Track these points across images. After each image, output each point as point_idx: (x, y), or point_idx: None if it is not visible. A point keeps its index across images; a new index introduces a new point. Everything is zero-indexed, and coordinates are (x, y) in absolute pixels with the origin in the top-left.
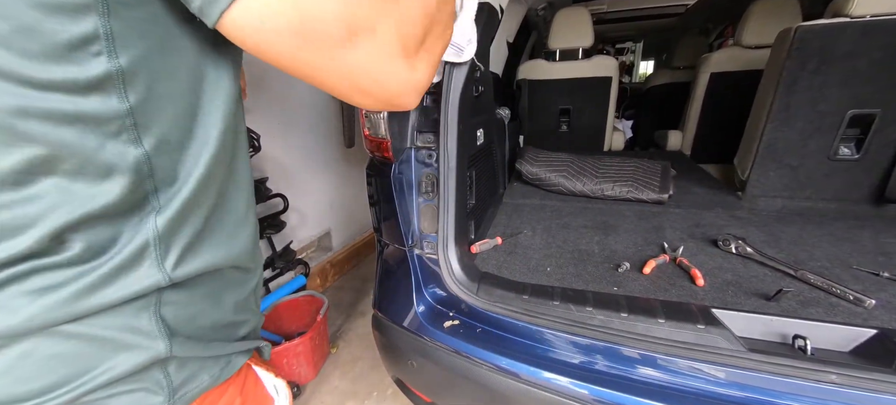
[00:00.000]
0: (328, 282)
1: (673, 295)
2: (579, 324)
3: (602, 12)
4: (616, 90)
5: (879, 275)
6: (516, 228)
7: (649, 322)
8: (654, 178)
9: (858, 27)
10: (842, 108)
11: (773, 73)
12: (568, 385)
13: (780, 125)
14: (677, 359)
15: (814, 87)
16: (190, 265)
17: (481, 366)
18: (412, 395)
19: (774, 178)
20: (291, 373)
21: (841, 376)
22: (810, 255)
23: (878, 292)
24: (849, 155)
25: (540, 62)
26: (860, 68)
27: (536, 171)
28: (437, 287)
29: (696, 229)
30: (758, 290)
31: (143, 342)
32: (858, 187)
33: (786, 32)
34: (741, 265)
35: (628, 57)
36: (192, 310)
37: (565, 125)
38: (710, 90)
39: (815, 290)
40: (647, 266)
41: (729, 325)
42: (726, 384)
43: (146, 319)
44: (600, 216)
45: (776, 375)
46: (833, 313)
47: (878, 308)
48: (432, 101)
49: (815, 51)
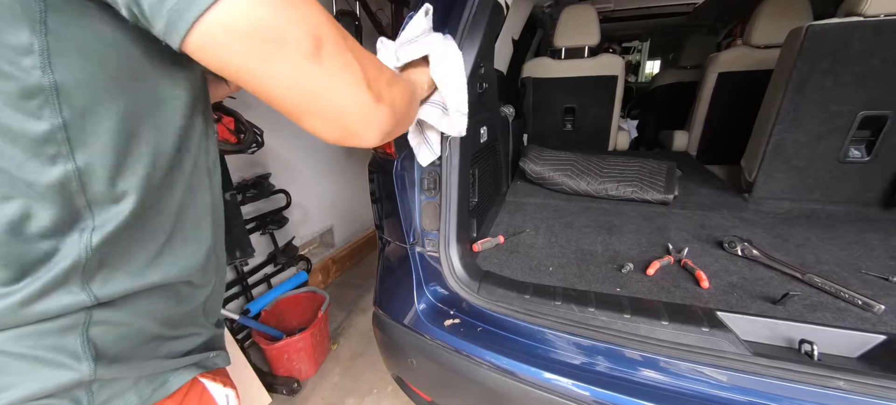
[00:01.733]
0: (330, 279)
1: (677, 297)
2: (581, 325)
3: (609, 11)
4: (622, 89)
5: (889, 279)
6: (519, 227)
7: (653, 324)
8: (659, 178)
9: (871, 27)
10: (853, 110)
11: (782, 73)
12: (569, 386)
13: (788, 126)
14: (680, 362)
15: (824, 88)
16: (125, 283)
17: (482, 366)
18: (412, 393)
19: (782, 180)
20: (292, 369)
21: (849, 382)
22: (818, 259)
23: (887, 297)
24: (859, 157)
25: (545, 60)
26: (872, 69)
27: (540, 169)
28: (439, 285)
29: (702, 231)
30: (764, 294)
31: (68, 362)
32: (868, 190)
33: (797, 31)
34: (747, 268)
35: (635, 56)
36: (125, 330)
37: (570, 124)
38: (718, 90)
39: (822, 294)
40: (651, 267)
41: (734, 329)
42: (730, 388)
43: (72, 339)
44: (604, 216)
45: (782, 380)
46: (841, 318)
47: (887, 313)
48: None
49: (826, 51)
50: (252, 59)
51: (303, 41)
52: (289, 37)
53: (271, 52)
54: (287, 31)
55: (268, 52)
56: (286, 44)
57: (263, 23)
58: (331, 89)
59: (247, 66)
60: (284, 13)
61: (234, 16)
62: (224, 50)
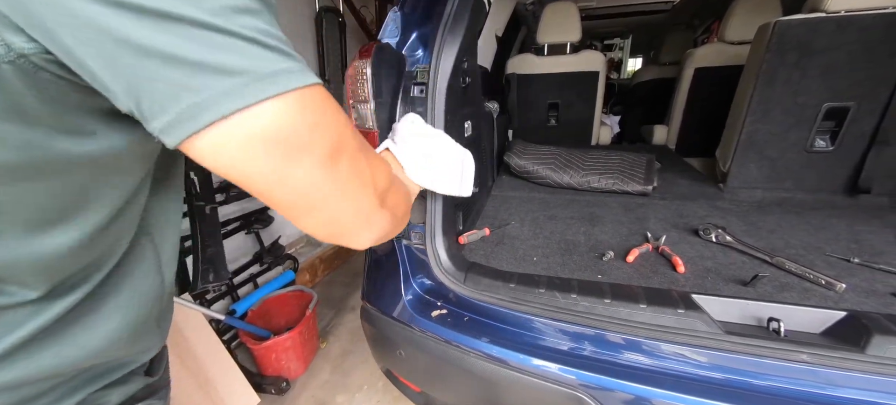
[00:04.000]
0: (317, 278)
1: (655, 282)
2: (564, 311)
3: (590, 8)
4: (603, 84)
5: (850, 261)
6: (504, 220)
7: (632, 307)
8: (639, 170)
9: (834, 22)
10: (818, 102)
11: (753, 67)
12: (555, 370)
13: (759, 118)
14: (659, 343)
15: (792, 81)
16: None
17: (469, 354)
18: (402, 386)
19: (754, 170)
20: (281, 368)
21: (812, 356)
22: (787, 243)
23: (848, 277)
24: (824, 147)
25: (528, 56)
26: (836, 62)
27: (524, 163)
28: (426, 277)
29: (679, 219)
30: (736, 276)
31: None
32: (834, 178)
33: (765, 27)
34: (721, 253)
35: (617, 53)
36: None
37: (553, 119)
38: (695, 85)
39: (789, 276)
40: (630, 255)
41: (708, 310)
42: (705, 366)
43: None
44: (587, 207)
45: (751, 356)
46: (806, 297)
47: (848, 292)
48: (419, 92)
49: (793, 45)
50: (266, 166)
51: (323, 148)
52: (311, 144)
53: (289, 160)
54: (312, 139)
55: (286, 159)
56: (306, 150)
57: (292, 131)
58: (339, 195)
59: (258, 170)
60: (313, 120)
61: (263, 123)
62: (237, 154)
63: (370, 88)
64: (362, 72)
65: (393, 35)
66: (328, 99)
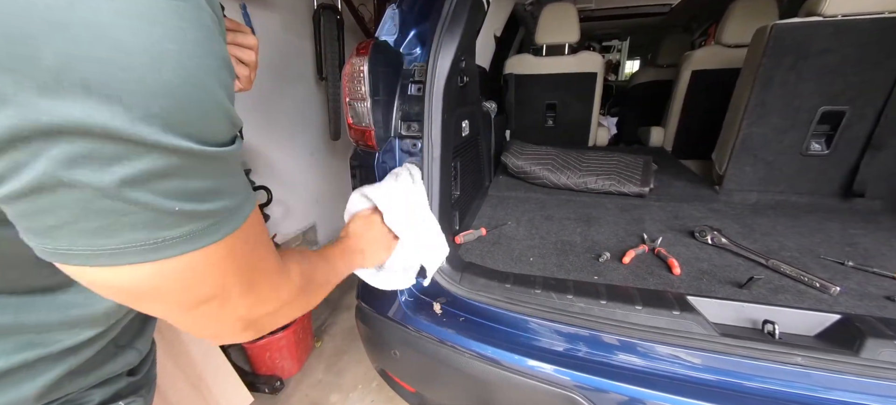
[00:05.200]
0: None
1: (650, 283)
2: (560, 312)
3: (589, 9)
4: (601, 86)
5: (845, 264)
6: (501, 220)
7: (627, 309)
8: (636, 172)
9: (831, 26)
10: (814, 105)
11: (749, 70)
12: (549, 371)
13: (755, 121)
14: (654, 345)
15: (788, 84)
16: None
17: (464, 354)
18: (396, 386)
19: (750, 173)
20: (274, 367)
21: (806, 358)
22: (782, 246)
23: (843, 280)
24: (819, 150)
25: (527, 57)
26: (832, 66)
27: (522, 164)
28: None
29: (675, 221)
30: (731, 279)
31: None
32: (828, 182)
33: (762, 30)
34: (716, 255)
35: (614, 55)
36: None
37: (551, 120)
38: (692, 87)
39: (784, 279)
40: (626, 256)
41: (703, 311)
42: (699, 367)
43: None
44: (583, 208)
45: (746, 358)
46: (801, 300)
47: (842, 295)
48: (417, 90)
49: (789, 48)
50: (120, 299)
51: (181, 302)
52: (167, 298)
53: (141, 303)
54: (169, 295)
55: (138, 303)
56: (160, 301)
57: (150, 291)
58: (196, 328)
59: (114, 296)
60: (180, 285)
61: (119, 280)
62: (96, 287)
63: (367, 86)
64: (359, 69)
65: (391, 32)
66: (222, 259)
